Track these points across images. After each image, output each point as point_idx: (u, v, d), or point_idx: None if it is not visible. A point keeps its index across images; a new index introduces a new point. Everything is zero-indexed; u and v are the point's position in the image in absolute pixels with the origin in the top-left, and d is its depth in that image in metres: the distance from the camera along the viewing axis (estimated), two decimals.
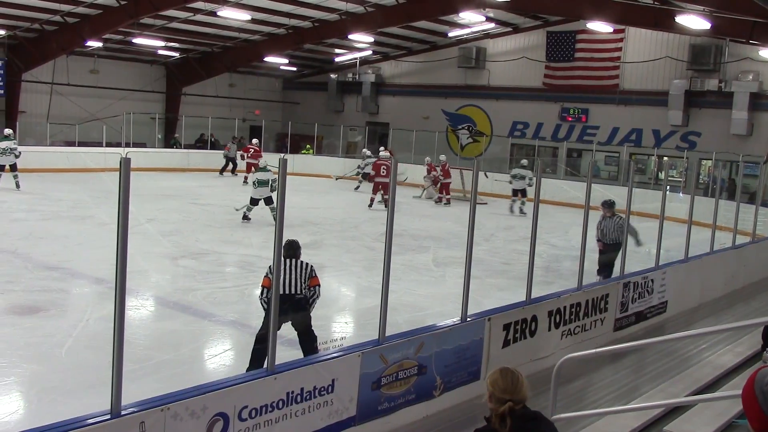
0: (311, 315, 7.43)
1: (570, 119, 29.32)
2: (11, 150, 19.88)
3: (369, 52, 33.67)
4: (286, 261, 7.39)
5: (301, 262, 7.45)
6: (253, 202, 16.60)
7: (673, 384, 7.48)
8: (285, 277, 7.30)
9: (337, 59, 34.87)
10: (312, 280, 7.48)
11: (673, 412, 6.53)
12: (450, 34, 30.52)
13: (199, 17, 25.44)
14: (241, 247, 14.20)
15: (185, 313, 9.51)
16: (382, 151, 25.23)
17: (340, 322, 9.81)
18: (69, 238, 13.81)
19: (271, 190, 16.27)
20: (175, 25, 26.52)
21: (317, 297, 7.47)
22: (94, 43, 27.54)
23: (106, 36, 26.75)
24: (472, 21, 28.05)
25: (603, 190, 18.87)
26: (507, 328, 7.33)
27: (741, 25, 19.83)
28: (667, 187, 12.22)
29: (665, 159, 26.77)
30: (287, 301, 7.22)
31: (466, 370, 6.87)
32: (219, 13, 24.33)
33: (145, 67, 32.71)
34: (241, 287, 11.28)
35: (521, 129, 30.67)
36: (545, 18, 28.54)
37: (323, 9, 25.62)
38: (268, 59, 32.08)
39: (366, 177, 24.20)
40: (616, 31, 26.67)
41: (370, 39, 29.98)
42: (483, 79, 31.32)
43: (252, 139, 27.67)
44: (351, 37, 28.56)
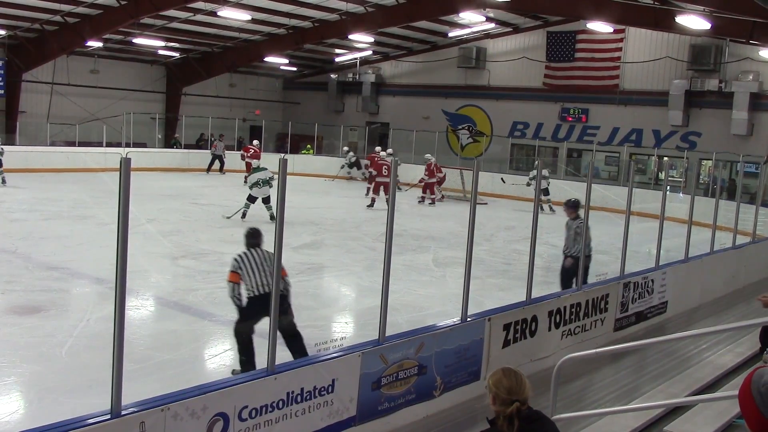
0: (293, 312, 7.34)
1: (570, 119, 29.32)
2: None
3: (369, 52, 33.68)
4: (251, 251, 7.37)
5: (266, 252, 7.34)
6: (251, 199, 16.76)
7: (674, 384, 7.48)
8: (256, 272, 7.22)
9: (337, 59, 34.88)
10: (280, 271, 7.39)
11: (673, 412, 6.53)
12: (450, 34, 30.53)
13: (199, 17, 25.45)
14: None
15: (185, 313, 9.50)
16: (381, 151, 25.20)
17: (340, 322, 9.81)
18: (69, 238, 13.81)
19: (270, 188, 16.57)
20: (175, 25, 26.53)
21: (290, 289, 7.35)
22: (94, 43, 27.56)
23: (107, 36, 26.77)
24: (473, 21, 28.06)
25: (603, 191, 18.92)
26: (507, 328, 7.33)
27: (741, 25, 19.82)
28: (668, 188, 12.22)
29: (665, 159, 26.77)
30: (265, 302, 7.04)
31: (467, 370, 6.87)
32: (219, 13, 24.34)
33: (146, 67, 32.72)
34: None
35: (521, 129, 30.67)
36: (545, 18, 28.54)
37: (323, 9, 25.63)
38: (269, 59, 32.09)
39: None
40: (616, 31, 26.67)
41: (371, 39, 29.98)
42: (483, 79, 31.32)
43: (252, 140, 27.67)
44: (351, 37, 28.57)
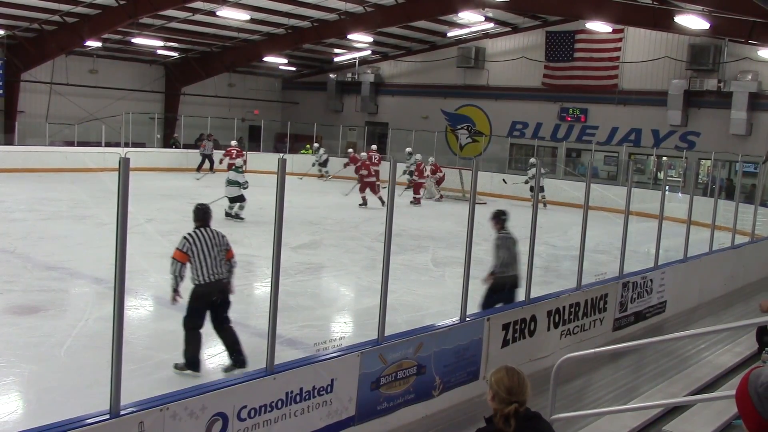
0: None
1: (569, 119, 29.33)
2: None
3: (368, 52, 33.68)
4: (202, 231, 7.24)
5: (215, 232, 7.25)
6: (231, 200, 16.79)
7: (672, 384, 7.48)
8: (208, 258, 7.09)
9: (336, 59, 34.87)
10: (228, 253, 7.36)
11: (672, 411, 6.53)
12: (449, 34, 30.54)
13: (198, 17, 25.45)
14: (240, 246, 14.14)
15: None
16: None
17: (339, 321, 9.80)
18: (68, 237, 13.81)
19: (243, 188, 16.64)
20: (174, 24, 26.53)
21: (233, 271, 7.31)
22: (93, 43, 27.54)
23: (105, 36, 26.75)
24: (472, 21, 28.07)
25: (602, 190, 18.92)
26: (506, 327, 7.33)
27: (740, 25, 19.84)
28: (666, 187, 12.24)
29: (664, 159, 26.79)
30: (215, 290, 7.11)
31: (466, 370, 6.87)
32: (218, 13, 24.33)
33: (145, 66, 32.71)
34: (240, 287, 11.20)
35: (520, 129, 30.68)
36: (544, 18, 28.55)
37: (322, 9, 25.63)
38: (268, 59, 32.09)
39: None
40: (615, 31, 26.67)
41: (370, 39, 29.98)
42: (482, 79, 31.32)
43: (231, 141, 27.60)
44: (350, 37, 28.57)
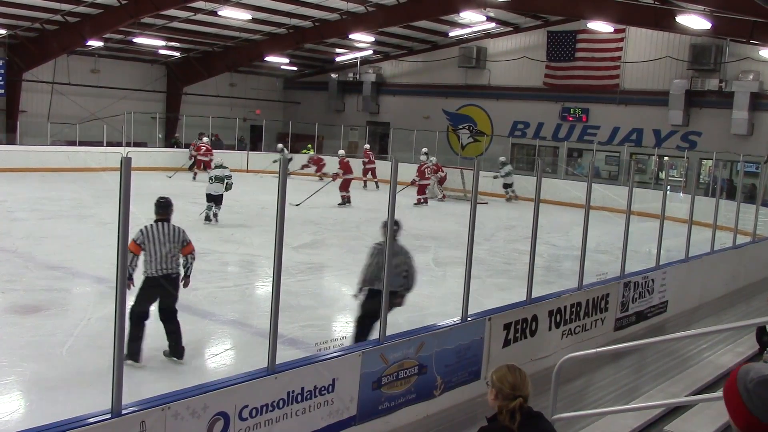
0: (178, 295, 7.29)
1: (571, 119, 29.33)
2: None
3: (370, 52, 33.68)
4: (159, 225, 7.23)
5: (173, 227, 7.23)
6: (210, 199, 16.07)
7: (674, 384, 7.49)
8: (158, 252, 7.11)
9: (337, 59, 34.88)
10: (185, 248, 7.30)
11: (673, 412, 6.53)
12: (451, 34, 30.54)
13: (199, 17, 25.46)
14: (242, 246, 14.21)
15: (186, 312, 9.45)
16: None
17: (341, 321, 9.81)
18: (70, 237, 13.82)
19: (226, 189, 16.08)
20: (175, 24, 26.55)
21: (191, 265, 7.27)
22: (94, 43, 27.56)
23: (107, 35, 26.77)
24: (473, 21, 28.07)
25: (604, 190, 18.91)
26: (507, 327, 7.34)
27: (741, 25, 19.84)
28: (668, 187, 12.23)
29: (666, 159, 26.76)
30: (160, 284, 7.11)
31: (467, 370, 6.88)
32: (220, 13, 24.35)
33: (146, 66, 32.73)
34: (241, 287, 11.29)
35: (522, 129, 30.67)
36: (546, 18, 28.55)
37: (324, 9, 25.64)
38: (269, 59, 32.10)
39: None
40: (616, 30, 26.67)
41: (371, 39, 29.98)
42: (484, 78, 31.32)
43: (203, 138, 27.84)
44: (352, 36, 28.58)
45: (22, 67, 27.51)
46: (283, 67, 34.81)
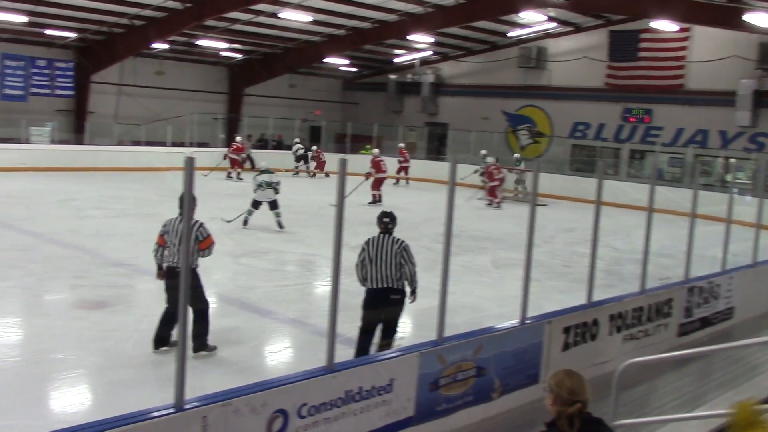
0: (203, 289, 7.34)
1: (633, 120, 28.76)
2: None
3: (428, 53, 33.63)
4: (180, 219, 7.24)
5: (196, 223, 7.21)
6: (254, 205, 15.39)
7: (740, 392, 7.26)
8: (173, 240, 7.20)
9: (396, 60, 34.93)
10: (202, 243, 7.22)
11: None
12: (510, 34, 30.27)
13: (261, 19, 25.82)
14: (302, 245, 14.35)
15: (246, 310, 9.66)
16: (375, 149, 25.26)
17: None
18: (135, 235, 14.15)
19: (275, 193, 15.25)
20: (237, 26, 26.98)
21: (196, 258, 7.15)
22: (159, 45, 28.21)
23: (172, 38, 27.36)
24: (533, 21, 27.76)
25: (667, 193, 18.48)
26: (567, 331, 7.24)
27: None
28: (735, 190, 11.89)
29: (732, 161, 26.00)
30: (172, 274, 7.21)
31: (525, 373, 6.81)
32: (280, 15, 24.65)
33: (209, 68, 33.34)
34: (301, 286, 11.41)
35: (582, 130, 30.23)
36: (607, 17, 28.07)
37: (383, 10, 25.70)
38: (328, 60, 32.35)
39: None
40: (681, 29, 26.04)
41: (430, 39, 29.94)
42: (543, 79, 30.97)
43: (236, 137, 27.84)
44: (410, 37, 28.59)
45: (90, 69, 28.34)
46: (342, 68, 35.03)
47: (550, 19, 27.68)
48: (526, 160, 28.52)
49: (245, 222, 15.41)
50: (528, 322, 6.78)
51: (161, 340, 7.42)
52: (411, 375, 5.75)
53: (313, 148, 29.58)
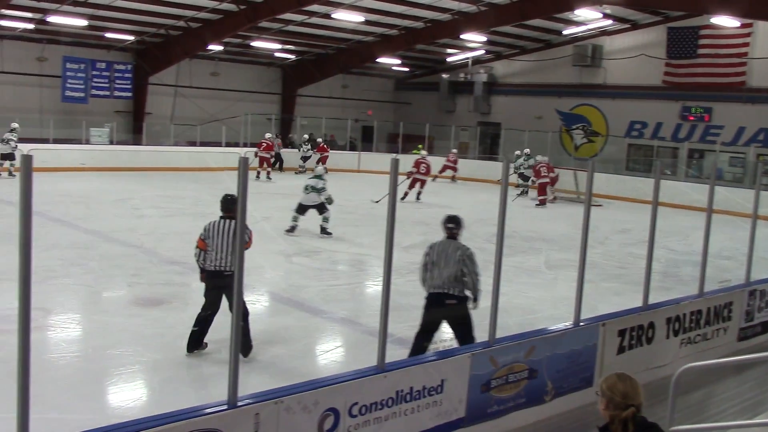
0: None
1: (692, 118, 28.11)
2: (8, 140, 21.30)
3: (481, 52, 33.46)
4: (223, 222, 7.29)
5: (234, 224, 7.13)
6: (300, 209, 14.73)
7: None
8: (218, 246, 7.19)
9: (449, 59, 34.84)
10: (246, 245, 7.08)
11: None
12: (565, 32, 29.92)
13: (314, 20, 26.04)
14: (353, 245, 14.40)
15: (298, 309, 9.73)
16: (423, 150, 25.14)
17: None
18: (190, 234, 14.25)
19: (328, 203, 14.59)
20: (291, 27, 27.26)
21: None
22: (215, 47, 28.71)
23: (226, 40, 27.81)
24: (589, 18, 27.36)
25: (727, 193, 18.02)
26: (622, 334, 7.10)
27: None
28: None
29: None
30: (216, 277, 7.16)
31: (579, 376, 6.70)
32: (333, 16, 24.81)
33: (262, 69, 33.76)
34: (352, 285, 11.45)
35: (639, 129, 29.68)
36: (666, 13, 27.50)
37: (436, 9, 25.65)
38: (381, 60, 32.44)
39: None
40: (743, 25, 25.37)
41: (483, 38, 29.77)
42: (599, 77, 30.50)
43: (266, 134, 27.01)
44: (463, 36, 28.48)
45: (148, 71, 28.98)
46: (394, 68, 35.10)
47: (606, 16, 27.25)
48: (581, 160, 28.16)
49: (292, 229, 14.67)
50: (582, 324, 6.67)
51: (197, 342, 7.37)
52: (462, 376, 5.71)
53: (318, 140, 29.31)
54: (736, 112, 26.76)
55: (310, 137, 29.59)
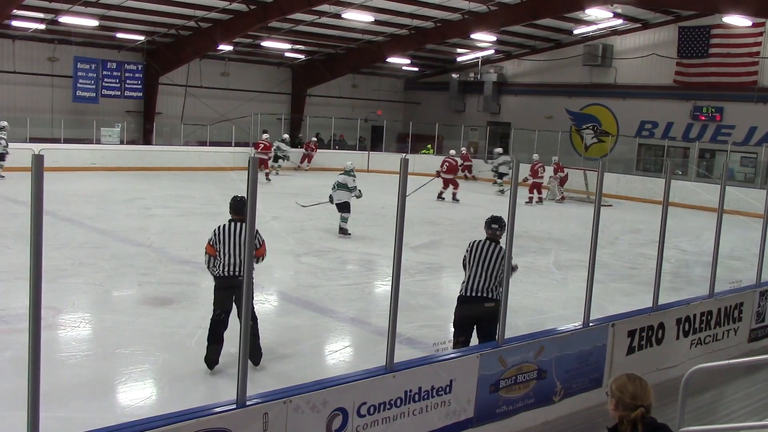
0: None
1: (703, 118, 27.96)
2: None
3: (491, 52, 33.39)
4: (232, 225, 7.07)
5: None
6: (331, 199, 15.01)
7: None
8: (229, 250, 6.93)
9: (459, 59, 34.79)
10: (258, 250, 6.95)
11: None
12: (575, 32, 29.81)
13: (324, 20, 26.04)
14: (362, 245, 14.40)
15: (307, 308, 9.74)
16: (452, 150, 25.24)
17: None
18: (200, 233, 14.34)
19: (357, 197, 14.92)
20: (301, 27, 27.27)
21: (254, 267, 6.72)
22: (225, 47, 28.75)
23: (237, 40, 27.85)
24: (599, 17, 27.24)
25: (739, 193, 17.93)
26: (632, 334, 7.08)
27: None
28: None
29: None
30: (230, 285, 6.89)
31: (588, 377, 6.69)
32: (343, 16, 24.80)
33: (272, 69, 33.80)
34: (361, 285, 11.45)
35: (650, 128, 29.54)
36: (677, 13, 27.36)
37: (446, 9, 25.60)
38: (391, 60, 32.42)
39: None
40: (755, 24, 25.22)
41: (493, 38, 29.71)
42: (609, 77, 30.39)
43: (263, 134, 26.80)
44: (473, 36, 28.41)
45: (158, 71, 29.07)
46: (404, 68, 35.07)
47: (617, 15, 27.14)
48: (592, 160, 28.08)
49: (346, 231, 14.82)
50: (591, 324, 6.65)
51: (215, 358, 7.04)
52: (471, 376, 5.70)
53: (313, 139, 29.50)
54: (748, 112, 26.60)
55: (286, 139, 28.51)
